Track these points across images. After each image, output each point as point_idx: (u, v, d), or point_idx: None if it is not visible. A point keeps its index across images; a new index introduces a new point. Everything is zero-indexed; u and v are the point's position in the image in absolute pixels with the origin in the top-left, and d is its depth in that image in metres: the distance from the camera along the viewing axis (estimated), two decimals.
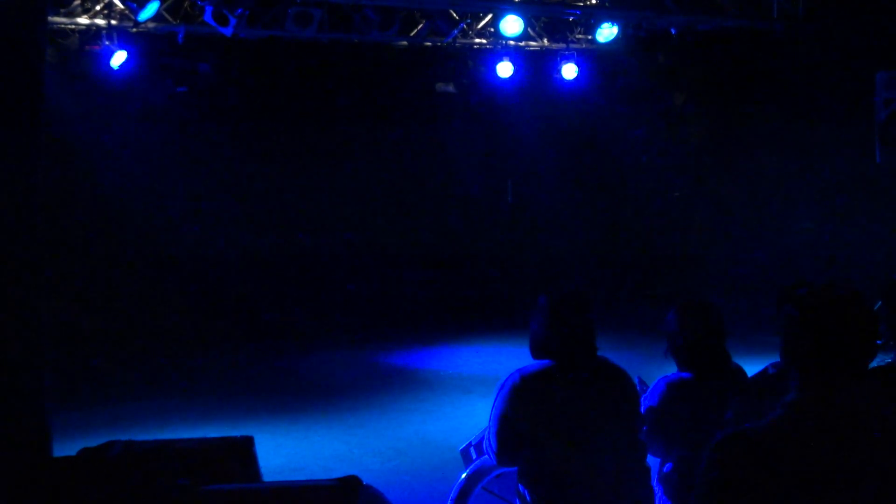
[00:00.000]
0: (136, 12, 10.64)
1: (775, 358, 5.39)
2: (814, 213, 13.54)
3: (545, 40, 13.04)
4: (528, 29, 12.54)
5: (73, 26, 10.97)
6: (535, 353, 4.04)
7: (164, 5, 10.91)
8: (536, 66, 13.28)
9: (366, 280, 13.98)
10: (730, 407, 3.94)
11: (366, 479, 3.38)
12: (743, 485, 2.27)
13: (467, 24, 12.43)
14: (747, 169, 14.41)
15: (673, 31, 12.57)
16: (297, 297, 13.37)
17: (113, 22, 10.94)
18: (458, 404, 9.35)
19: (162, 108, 12.58)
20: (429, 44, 12.62)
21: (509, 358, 10.64)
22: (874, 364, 2.75)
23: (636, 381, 4.40)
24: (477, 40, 12.74)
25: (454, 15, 12.12)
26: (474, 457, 4.84)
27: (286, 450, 7.87)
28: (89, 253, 12.15)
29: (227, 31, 10.56)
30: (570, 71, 12.96)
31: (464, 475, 4.74)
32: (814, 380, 2.35)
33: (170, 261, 12.67)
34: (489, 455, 4.05)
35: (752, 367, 4.93)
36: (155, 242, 12.64)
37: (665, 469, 4.26)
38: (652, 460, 4.23)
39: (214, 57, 12.42)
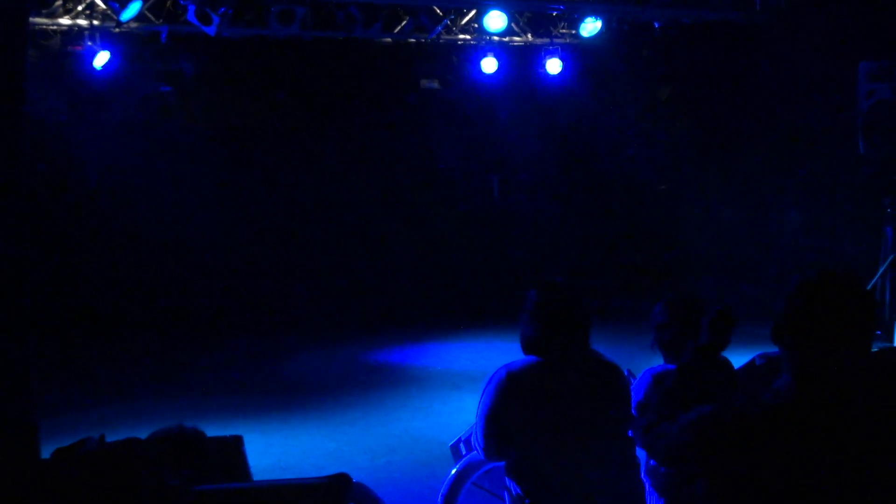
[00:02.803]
0: (118, 12, 10.59)
1: (761, 350, 5.43)
2: (798, 204, 13.59)
3: (529, 35, 13.05)
4: (512, 24, 12.55)
5: (55, 27, 10.91)
6: (525, 348, 4.04)
7: (147, 5, 10.87)
8: (521, 61, 13.29)
9: (352, 276, 13.97)
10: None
11: (356, 477, 3.38)
12: (721, 461, 2.27)
13: (451, 20, 12.43)
14: (732, 161, 14.45)
15: (656, 25, 12.60)
16: (285, 294, 13.36)
17: (95, 22, 10.90)
18: (448, 400, 9.36)
19: (146, 108, 12.53)
20: (413, 40, 12.61)
21: (498, 353, 10.59)
22: None
23: (625, 373, 4.42)
24: (461, 36, 12.74)
25: (438, 11, 12.12)
26: (464, 452, 4.85)
27: (276, 449, 7.86)
28: (73, 253, 12.10)
29: (211, 31, 10.53)
30: (554, 66, 12.98)
31: (453, 471, 4.75)
32: (805, 365, 2.34)
33: (155, 260, 12.63)
34: (477, 450, 4.06)
35: (737, 359, 4.95)
36: (140, 241, 12.59)
37: (652, 462, 4.27)
38: (640, 453, 4.24)
39: (198, 56, 12.38)
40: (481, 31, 12.34)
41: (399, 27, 12.15)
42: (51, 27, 10.89)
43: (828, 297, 2.37)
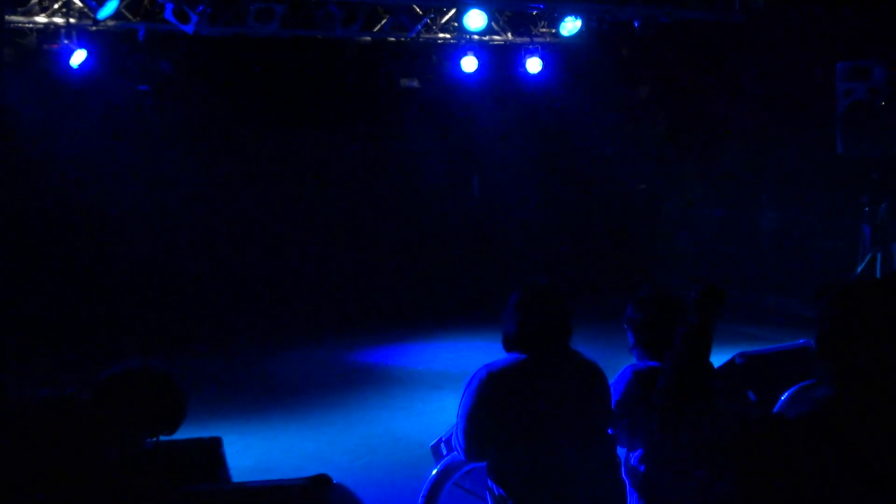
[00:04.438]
0: (95, 10, 10.52)
1: (741, 349, 5.46)
2: (777, 203, 13.68)
3: (509, 34, 13.06)
4: (492, 23, 12.56)
5: (31, 25, 10.83)
6: (507, 346, 4.05)
7: (124, 3, 10.80)
8: (501, 60, 13.30)
9: (332, 276, 13.93)
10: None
11: (336, 478, 3.37)
12: (760, 475, 2.23)
13: (431, 19, 12.42)
14: (711, 160, 14.53)
15: (636, 24, 12.65)
16: (263, 293, 13.30)
17: (72, 20, 10.82)
18: (428, 400, 9.35)
19: (123, 108, 12.45)
20: (392, 39, 12.60)
21: (479, 353, 10.61)
22: None
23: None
24: (441, 35, 12.74)
25: (417, 10, 12.11)
26: (445, 453, 4.84)
27: (255, 450, 7.83)
28: (49, 254, 12.01)
29: (189, 29, 10.48)
30: (534, 65, 13.00)
31: (434, 471, 4.74)
32: (852, 376, 2.30)
33: (132, 261, 12.55)
34: (458, 451, 4.06)
35: (717, 358, 4.96)
36: (116, 243, 12.51)
37: (632, 461, 4.29)
38: (621, 452, 4.25)
39: (176, 55, 12.32)
40: (461, 29, 12.34)
41: (378, 26, 12.13)
42: (26, 25, 10.80)
43: (870, 304, 2.33)
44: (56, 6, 10.78)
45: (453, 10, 12.30)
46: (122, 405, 3.50)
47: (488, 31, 12.62)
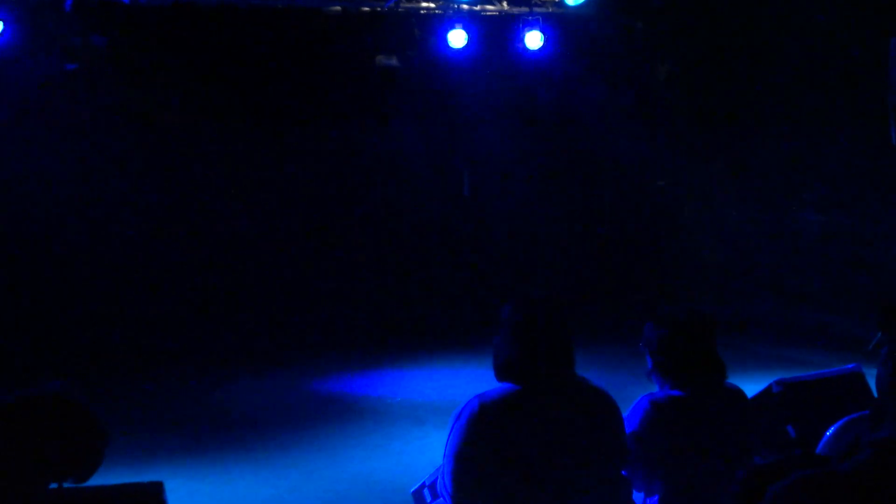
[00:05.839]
0: None
1: (779, 375, 5.46)
2: (819, 203, 13.72)
3: (504, 4, 13.09)
4: None
5: None
6: (500, 374, 4.04)
7: None
8: (495, 34, 13.32)
9: (296, 290, 13.92)
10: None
11: None
12: None
13: None
14: (742, 153, 14.57)
15: None
16: (213, 311, 13.28)
17: None
18: (409, 438, 9.36)
19: (48, 89, 12.43)
20: (367, 9, 12.61)
21: (469, 381, 10.64)
22: None
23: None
24: (424, 4, 12.77)
25: None
26: (429, 500, 4.84)
27: (203, 496, 7.81)
28: None
29: None
30: (534, 39, 13.02)
31: None
32: None
33: (58, 269, 12.51)
34: (444, 497, 4.05)
35: (751, 387, 4.98)
36: (40, 250, 12.47)
37: None
38: (636, 497, 4.25)
39: (111, 28, 12.30)
40: None
41: None
42: None
43: None
44: None
45: None
46: (17, 441, 3.44)
47: None
